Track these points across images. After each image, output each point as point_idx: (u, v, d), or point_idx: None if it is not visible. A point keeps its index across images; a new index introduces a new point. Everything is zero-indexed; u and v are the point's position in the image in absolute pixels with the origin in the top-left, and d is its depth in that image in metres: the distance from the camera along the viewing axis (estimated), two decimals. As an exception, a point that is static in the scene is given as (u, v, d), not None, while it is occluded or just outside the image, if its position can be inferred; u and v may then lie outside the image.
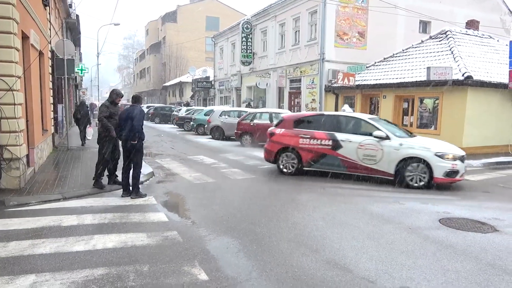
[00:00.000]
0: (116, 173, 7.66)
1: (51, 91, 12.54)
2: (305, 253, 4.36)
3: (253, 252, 4.39)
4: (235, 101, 29.42)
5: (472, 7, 21.27)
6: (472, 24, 18.04)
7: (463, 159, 8.17)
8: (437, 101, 14.00)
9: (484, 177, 9.66)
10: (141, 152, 7.01)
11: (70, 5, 19.53)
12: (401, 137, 8.43)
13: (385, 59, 17.73)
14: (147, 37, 63.21)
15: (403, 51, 17.37)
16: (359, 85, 16.86)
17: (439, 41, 15.97)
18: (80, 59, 30.75)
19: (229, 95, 30.76)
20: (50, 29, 13.03)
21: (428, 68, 13.14)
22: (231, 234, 4.97)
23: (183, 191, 7.58)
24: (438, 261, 4.19)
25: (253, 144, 15.17)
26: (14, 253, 4.23)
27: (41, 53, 10.15)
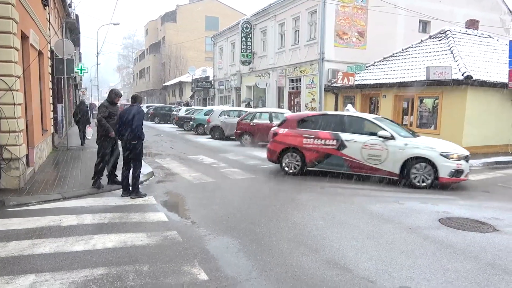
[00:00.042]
0: (115, 173, 7.66)
1: (51, 91, 12.54)
2: (305, 253, 4.36)
3: (253, 251, 4.39)
4: (234, 101, 29.42)
5: (471, 6, 21.27)
6: (471, 23, 18.04)
7: (468, 159, 8.17)
8: (436, 101, 14.01)
9: (483, 177, 9.67)
10: (141, 152, 7.01)
11: (69, 4, 19.51)
12: (406, 137, 8.42)
13: (384, 58, 17.73)
14: (146, 37, 63.18)
15: (402, 50, 17.37)
16: (358, 84, 16.86)
17: (439, 41, 15.97)
18: (79, 59, 30.70)
19: (229, 95, 30.76)
20: (49, 29, 13.02)
21: (427, 67, 13.15)
22: (230, 233, 4.97)
23: (182, 191, 7.58)
24: (438, 261, 4.19)
25: (253, 143, 15.19)
26: (13, 253, 4.22)
27: (40, 53, 10.14)
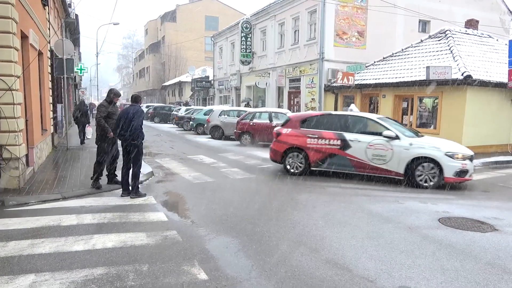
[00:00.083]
0: (115, 173, 7.66)
1: (51, 90, 12.54)
2: (305, 253, 4.36)
3: (252, 251, 4.39)
4: (234, 101, 29.42)
5: (471, 6, 21.28)
6: (471, 23, 18.05)
7: (472, 159, 8.17)
8: (436, 101, 14.01)
9: (483, 177, 9.67)
10: (141, 151, 7.00)
11: (69, 4, 19.51)
12: (411, 137, 8.41)
13: (384, 58, 17.74)
14: (146, 37, 63.18)
15: (402, 50, 17.37)
16: (358, 84, 16.86)
17: (439, 41, 15.97)
18: (79, 59, 30.73)
19: (229, 95, 30.76)
20: (49, 29, 13.02)
21: (427, 67, 13.15)
22: (230, 233, 4.97)
23: (182, 190, 7.58)
24: (437, 261, 4.20)
25: (253, 143, 15.19)
26: (13, 252, 4.22)
27: (40, 53, 10.13)
